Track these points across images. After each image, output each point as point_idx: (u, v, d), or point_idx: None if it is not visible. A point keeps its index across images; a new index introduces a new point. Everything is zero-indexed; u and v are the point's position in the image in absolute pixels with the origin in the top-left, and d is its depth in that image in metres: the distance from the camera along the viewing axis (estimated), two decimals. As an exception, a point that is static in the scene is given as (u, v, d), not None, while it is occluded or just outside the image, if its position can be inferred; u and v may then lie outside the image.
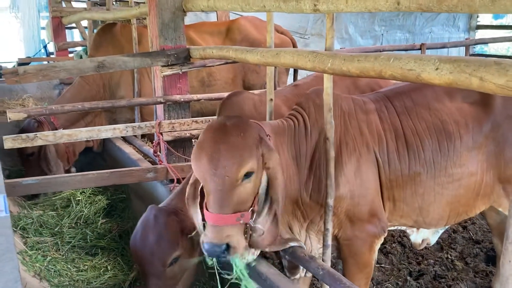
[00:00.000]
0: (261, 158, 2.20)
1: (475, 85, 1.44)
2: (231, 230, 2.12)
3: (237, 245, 2.14)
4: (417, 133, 2.70)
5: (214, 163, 2.09)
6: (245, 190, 2.16)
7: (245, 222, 2.17)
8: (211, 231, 2.12)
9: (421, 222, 2.79)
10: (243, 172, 2.11)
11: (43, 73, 3.04)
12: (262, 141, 2.21)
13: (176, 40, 3.54)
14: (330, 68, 2.07)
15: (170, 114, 3.66)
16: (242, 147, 2.12)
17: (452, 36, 11.44)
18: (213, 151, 2.11)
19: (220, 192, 2.10)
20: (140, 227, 2.68)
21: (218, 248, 2.09)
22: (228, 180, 2.09)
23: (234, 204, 2.12)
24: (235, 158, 2.09)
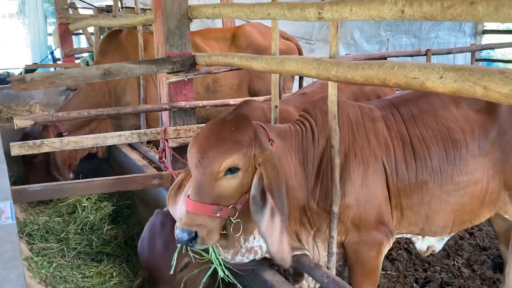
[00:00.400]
0: (254, 158, 2.20)
1: (479, 94, 1.43)
2: (204, 220, 2.12)
3: (206, 237, 2.13)
4: (423, 141, 2.70)
5: (201, 152, 2.15)
6: (228, 186, 2.17)
7: (223, 218, 2.16)
8: (185, 217, 2.14)
9: (427, 230, 2.77)
10: (226, 165, 2.13)
11: (49, 80, 3.07)
12: (256, 140, 2.22)
13: (182, 47, 3.56)
14: (334, 75, 2.07)
15: (176, 120, 3.68)
16: (229, 141, 2.15)
17: (458, 41, 11.40)
18: (204, 141, 2.18)
19: (201, 181, 2.13)
20: (147, 232, 2.67)
21: (186, 235, 2.10)
22: (209, 170, 2.12)
23: (213, 195, 2.14)
24: (219, 149, 2.13)
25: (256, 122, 2.40)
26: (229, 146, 2.14)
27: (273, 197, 2.14)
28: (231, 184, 2.17)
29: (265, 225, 2.17)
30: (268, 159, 2.19)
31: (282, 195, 2.19)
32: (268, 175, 2.16)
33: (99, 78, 3.25)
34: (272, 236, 2.17)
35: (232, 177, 2.17)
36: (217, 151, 2.13)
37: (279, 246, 2.18)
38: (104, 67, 3.25)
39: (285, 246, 2.19)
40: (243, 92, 5.45)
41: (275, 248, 2.19)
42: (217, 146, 2.14)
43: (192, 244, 2.14)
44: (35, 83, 3.03)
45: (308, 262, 2.48)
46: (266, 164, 2.18)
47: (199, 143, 2.19)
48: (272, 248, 2.19)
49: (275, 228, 2.15)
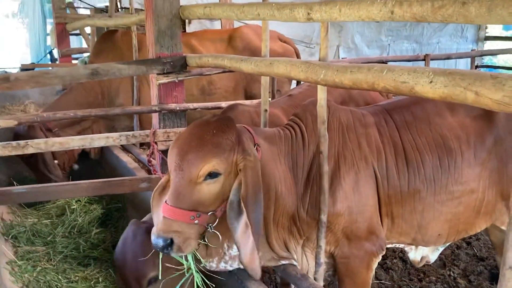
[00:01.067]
0: (235, 163, 2.11)
1: (470, 99, 1.34)
2: (181, 227, 2.03)
3: (182, 244, 2.04)
4: (417, 149, 2.60)
5: (181, 154, 2.06)
6: (208, 191, 2.07)
7: (201, 225, 2.07)
8: (161, 222, 2.05)
9: (420, 240, 2.68)
10: (205, 170, 2.04)
11: (35, 79, 2.99)
12: (240, 144, 2.12)
13: (173, 48, 3.47)
14: (322, 79, 1.99)
15: (166, 123, 3.59)
16: (210, 144, 2.06)
17: (460, 47, 11.33)
18: (184, 143, 2.08)
19: (179, 185, 2.04)
20: (120, 243, 2.60)
21: (162, 242, 2.01)
22: (188, 175, 2.03)
23: (191, 201, 2.04)
24: (199, 153, 2.03)
25: (242, 125, 2.31)
26: (210, 150, 2.05)
27: (247, 207, 2.04)
28: (211, 190, 2.08)
29: (239, 234, 2.07)
30: (249, 166, 2.09)
31: (258, 205, 2.08)
32: (246, 183, 2.06)
33: (86, 78, 3.17)
34: (245, 246, 2.08)
35: (212, 182, 2.07)
36: (197, 155, 2.03)
37: (251, 257, 2.09)
38: (91, 67, 3.17)
39: (257, 259, 2.10)
40: (239, 95, 5.36)
41: (247, 259, 2.10)
42: (197, 149, 2.04)
43: (167, 251, 2.05)
44: (19, 83, 2.95)
45: (295, 273, 2.39)
46: (246, 171, 2.08)
47: (179, 146, 2.09)
48: (245, 258, 2.10)
49: (249, 238, 2.06)
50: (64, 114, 3.42)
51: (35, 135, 4.37)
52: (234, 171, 2.12)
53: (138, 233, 2.55)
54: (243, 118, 3.02)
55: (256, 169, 2.11)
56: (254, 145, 2.23)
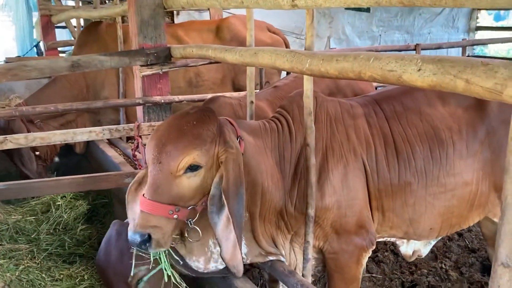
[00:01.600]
0: (217, 155, 2.03)
1: (461, 88, 1.27)
2: (159, 221, 1.95)
3: (161, 240, 1.96)
4: (407, 140, 2.53)
5: (159, 146, 1.97)
6: (188, 185, 1.99)
7: (181, 219, 1.99)
8: (139, 218, 1.97)
9: (412, 233, 2.61)
10: (185, 163, 1.95)
11: (12, 72, 2.88)
12: (221, 136, 2.04)
13: (157, 39, 3.37)
14: (308, 68, 1.90)
15: (150, 116, 3.49)
16: (190, 136, 1.97)
17: (452, 37, 11.30)
18: (163, 134, 2.00)
19: (157, 178, 1.95)
20: (103, 243, 2.50)
21: (139, 237, 1.93)
22: (167, 167, 1.94)
23: (170, 195, 1.96)
24: (178, 145, 1.95)
25: (224, 117, 2.23)
26: (190, 141, 1.96)
27: (228, 199, 1.96)
28: (191, 183, 2.00)
29: (220, 229, 2.00)
30: (231, 158, 2.01)
31: (240, 199, 2.01)
32: (227, 176, 1.98)
33: (67, 71, 3.06)
34: (226, 242, 2.00)
35: (192, 175, 1.99)
36: (176, 146, 1.95)
37: (233, 252, 2.01)
38: (72, 59, 3.06)
39: (239, 254, 2.02)
40: (226, 87, 5.27)
41: (229, 255, 2.02)
42: (176, 140, 1.96)
43: (145, 248, 1.96)
44: (-4, 75, 2.84)
45: (282, 269, 2.32)
46: (228, 163, 2.00)
47: (157, 137, 2.00)
48: (226, 254, 2.02)
49: (231, 233, 1.98)
50: (44, 108, 3.31)
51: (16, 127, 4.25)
52: (216, 164, 2.04)
53: (123, 230, 2.44)
54: (225, 111, 2.93)
55: (238, 161, 2.03)
56: (237, 138, 2.15)
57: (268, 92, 3.37)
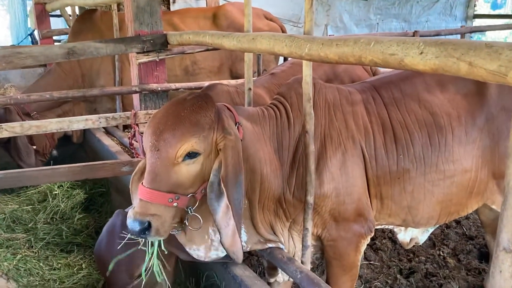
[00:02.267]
0: (215, 142, 2.00)
1: (464, 71, 1.24)
2: (158, 210, 1.93)
3: (161, 228, 1.94)
4: (406, 127, 2.51)
5: (156, 133, 1.94)
6: (187, 172, 1.96)
7: (181, 207, 1.97)
8: (138, 206, 1.95)
9: (410, 221, 2.60)
10: (183, 150, 1.92)
11: (6, 59, 2.83)
12: (219, 122, 2.01)
13: (153, 26, 3.32)
14: (307, 53, 1.87)
15: (147, 104, 3.46)
16: (187, 122, 1.94)
17: (449, 25, 11.27)
18: (160, 121, 1.96)
19: (155, 166, 1.93)
20: (105, 234, 2.44)
21: (138, 225, 1.91)
22: (165, 155, 1.92)
23: (169, 183, 1.94)
24: (176, 132, 1.92)
25: (222, 103, 2.20)
26: (187, 128, 1.93)
27: (226, 186, 1.94)
28: (190, 171, 1.97)
29: (219, 216, 1.98)
30: (229, 145, 1.98)
31: (239, 186, 1.99)
32: (226, 163, 1.95)
33: (62, 58, 3.02)
34: (226, 229, 1.99)
35: (191, 163, 1.96)
36: (174, 133, 1.92)
37: (232, 239, 2.00)
38: (67, 46, 3.02)
39: (238, 241, 2.01)
40: (223, 75, 5.22)
41: (229, 242, 2.01)
42: (174, 127, 1.93)
43: (144, 236, 1.94)
44: (-10, 63, 2.79)
45: (281, 256, 2.31)
46: (227, 151, 1.97)
47: (154, 124, 1.97)
48: (226, 241, 2.01)
49: (230, 220, 1.96)
50: (40, 96, 3.27)
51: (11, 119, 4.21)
52: (214, 151, 2.02)
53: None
54: (223, 98, 2.88)
55: (237, 148, 2.00)
56: (235, 124, 2.12)
57: (265, 79, 3.34)
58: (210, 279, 2.60)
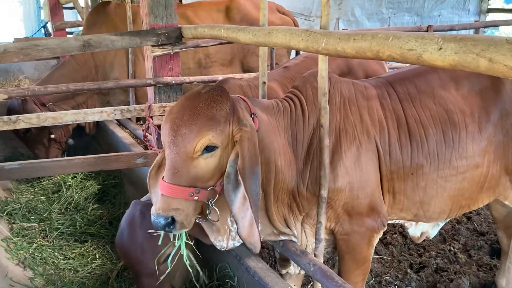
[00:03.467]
0: (231, 134, 2.02)
1: (483, 67, 1.25)
2: (180, 204, 1.95)
3: (185, 221, 1.97)
4: (420, 122, 2.51)
5: (174, 129, 1.95)
6: (206, 166, 1.98)
7: (201, 201, 2.00)
8: (160, 201, 1.97)
9: (422, 216, 2.62)
10: (201, 145, 1.94)
11: (24, 52, 2.87)
12: (234, 115, 2.03)
13: (168, 19, 3.33)
14: (324, 48, 1.88)
15: (161, 97, 3.48)
16: (203, 116, 1.95)
17: (462, 19, 11.15)
18: (177, 117, 1.97)
19: (175, 161, 1.95)
20: (125, 224, 2.48)
21: (162, 220, 1.94)
22: (184, 150, 1.93)
23: (189, 177, 1.96)
24: (193, 127, 1.93)
25: (237, 95, 2.21)
26: (204, 123, 1.95)
27: (244, 178, 1.95)
28: (209, 164, 1.99)
29: (236, 207, 2.00)
30: (245, 137, 2.00)
31: (256, 177, 2.00)
32: (243, 155, 1.97)
33: (78, 50, 3.05)
34: (243, 219, 2.01)
35: (209, 156, 1.98)
36: (191, 128, 1.93)
37: (250, 230, 2.02)
38: (83, 39, 3.05)
39: (256, 232, 2.03)
40: (235, 68, 5.24)
41: (246, 233, 2.03)
42: (190, 122, 1.94)
43: (169, 230, 1.97)
44: (8, 55, 2.83)
45: (294, 249, 2.34)
46: (243, 142, 1.99)
47: (171, 119, 1.99)
48: (243, 231, 2.03)
49: (247, 211, 1.99)
50: (56, 87, 3.31)
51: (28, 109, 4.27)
52: (231, 143, 2.03)
53: (147, 211, 2.41)
54: (235, 92, 2.89)
55: (253, 140, 2.02)
56: (251, 115, 2.14)
57: (277, 72, 3.34)
58: (223, 271, 2.63)
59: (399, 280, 3.42)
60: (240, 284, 2.48)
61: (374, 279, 3.42)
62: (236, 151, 2.00)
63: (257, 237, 2.05)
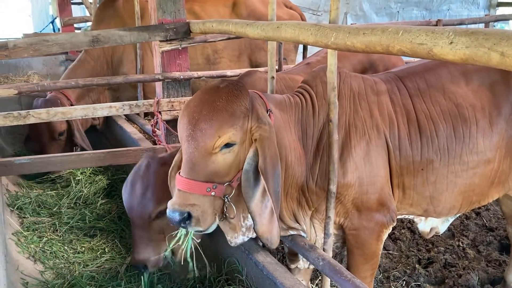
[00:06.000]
0: (250, 131, 2.01)
1: (495, 61, 1.24)
2: (197, 200, 1.95)
3: (201, 218, 1.96)
4: (430, 117, 2.50)
5: (192, 123, 1.94)
6: (224, 161, 1.98)
7: (218, 196, 2.00)
8: (176, 196, 1.97)
9: (431, 211, 2.61)
10: (221, 141, 1.94)
11: (34, 47, 2.89)
12: (253, 112, 2.02)
13: (176, 14, 3.34)
14: (333, 42, 1.87)
15: (170, 92, 3.49)
16: (224, 112, 1.94)
17: (472, 14, 11.04)
18: (195, 111, 1.96)
19: (193, 156, 1.94)
20: (131, 174, 2.55)
21: (178, 215, 1.93)
22: (203, 145, 1.93)
23: (207, 172, 1.95)
24: (213, 122, 1.92)
25: (253, 91, 2.21)
26: (225, 119, 1.94)
27: (266, 178, 1.95)
28: (227, 160, 1.99)
29: (254, 204, 2.01)
30: (265, 136, 1.99)
31: (277, 175, 2.00)
32: (264, 154, 1.96)
33: (87, 46, 3.06)
34: (261, 216, 2.01)
35: (227, 152, 1.98)
36: (211, 124, 1.92)
37: (268, 226, 2.02)
38: (92, 34, 3.06)
39: (275, 228, 2.04)
40: (243, 64, 5.23)
41: (264, 228, 2.04)
42: (211, 118, 1.93)
43: (185, 225, 1.97)
44: (18, 50, 2.85)
45: (303, 243, 2.34)
46: (263, 142, 1.98)
47: (190, 114, 1.97)
48: (261, 227, 2.04)
49: (266, 208, 1.99)
50: (65, 82, 3.33)
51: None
52: (248, 139, 2.03)
53: (153, 164, 2.50)
54: (259, 85, 2.88)
55: (272, 138, 2.02)
56: (267, 111, 2.14)
57: (300, 69, 3.34)
58: (231, 265, 2.64)
59: (407, 275, 3.41)
60: (248, 279, 2.49)
61: (382, 274, 3.42)
62: (254, 148, 2.00)
63: (275, 233, 2.06)
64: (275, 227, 2.03)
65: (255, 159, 1.99)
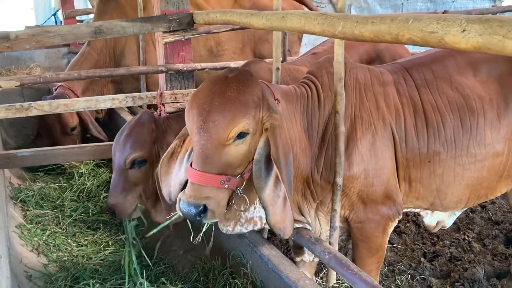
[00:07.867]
0: (261, 120, 1.98)
1: (510, 49, 1.20)
2: (212, 192, 1.92)
3: (216, 210, 1.94)
4: (437, 109, 2.46)
5: (203, 115, 1.90)
6: (237, 152, 1.95)
7: (231, 189, 1.98)
8: (190, 189, 1.94)
9: (438, 204, 2.57)
10: (235, 132, 1.91)
11: (36, 38, 2.85)
12: (264, 101, 1.99)
13: (179, 4, 3.29)
14: (340, 31, 1.83)
15: (173, 84, 3.45)
16: (237, 103, 1.90)
17: (477, 5, 10.93)
18: (205, 102, 1.91)
19: (205, 148, 1.90)
20: (124, 126, 2.81)
21: (194, 209, 1.91)
22: (216, 137, 1.89)
23: (220, 164, 1.93)
24: (227, 113, 1.88)
25: (261, 80, 2.17)
26: (238, 109, 1.90)
27: (280, 167, 1.92)
28: (239, 151, 1.96)
29: (267, 193, 1.98)
30: (277, 124, 1.97)
31: (290, 163, 1.98)
32: (276, 143, 1.93)
33: (89, 37, 3.03)
34: (274, 206, 1.99)
35: (240, 143, 1.95)
36: (224, 115, 1.88)
37: (281, 216, 2.00)
38: (94, 25, 3.02)
39: (288, 217, 2.01)
40: (247, 56, 5.19)
41: (276, 218, 2.01)
42: (223, 109, 1.89)
43: (200, 219, 1.94)
44: (20, 41, 2.82)
45: (309, 237, 2.32)
46: (275, 130, 1.96)
47: (200, 106, 1.92)
48: (273, 217, 2.01)
49: (279, 198, 1.97)
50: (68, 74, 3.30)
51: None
52: (260, 129, 2.00)
53: (143, 117, 2.76)
54: (264, 74, 2.85)
55: (284, 127, 2.01)
56: (275, 100, 2.11)
57: (307, 59, 3.29)
58: (236, 258, 2.62)
59: (412, 269, 3.39)
60: (253, 272, 2.47)
61: (387, 268, 3.40)
62: (264, 138, 1.97)
63: (288, 222, 2.04)
64: (288, 216, 2.01)
65: (266, 148, 1.97)
